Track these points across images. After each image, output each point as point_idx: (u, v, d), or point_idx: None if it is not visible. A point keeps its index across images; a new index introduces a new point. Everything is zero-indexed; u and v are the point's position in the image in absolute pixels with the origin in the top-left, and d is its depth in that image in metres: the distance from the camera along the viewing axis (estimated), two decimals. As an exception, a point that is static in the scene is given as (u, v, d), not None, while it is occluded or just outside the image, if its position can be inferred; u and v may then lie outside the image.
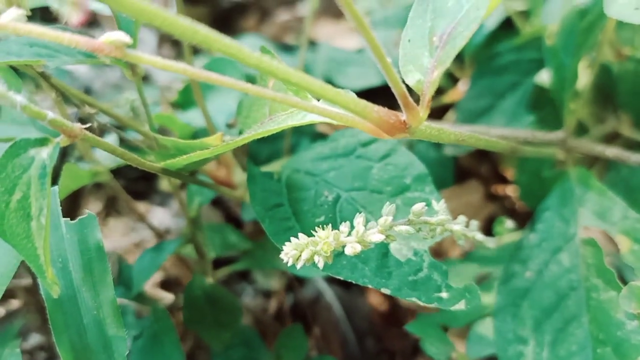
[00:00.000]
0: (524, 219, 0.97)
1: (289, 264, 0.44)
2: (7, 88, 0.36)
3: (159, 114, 0.78)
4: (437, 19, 0.41)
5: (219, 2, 1.31)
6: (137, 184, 1.07)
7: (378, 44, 0.33)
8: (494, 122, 0.84)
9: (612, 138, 0.90)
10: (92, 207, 1.04)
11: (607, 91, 0.87)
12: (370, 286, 0.49)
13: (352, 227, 0.46)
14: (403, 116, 0.40)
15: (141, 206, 1.05)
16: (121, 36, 0.33)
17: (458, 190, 0.95)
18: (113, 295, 0.45)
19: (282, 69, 0.33)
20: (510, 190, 1.03)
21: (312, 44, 1.14)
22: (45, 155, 0.38)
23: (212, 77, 0.35)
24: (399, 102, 0.38)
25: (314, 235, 0.44)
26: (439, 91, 0.99)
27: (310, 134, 0.91)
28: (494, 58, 0.87)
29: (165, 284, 0.96)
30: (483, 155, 1.04)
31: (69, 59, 0.52)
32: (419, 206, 0.48)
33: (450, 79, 1.01)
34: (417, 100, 0.41)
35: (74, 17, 0.26)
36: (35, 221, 0.38)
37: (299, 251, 0.44)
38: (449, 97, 1.00)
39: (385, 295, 0.92)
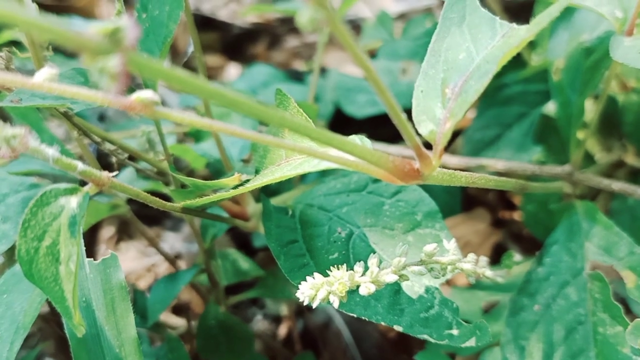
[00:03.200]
0: (531, 244, 0.98)
1: (305, 303, 0.46)
2: (40, 141, 0.38)
3: (174, 145, 0.80)
4: (449, 71, 0.43)
5: (229, 28, 1.34)
6: (150, 208, 1.09)
7: (395, 105, 0.35)
8: (501, 153, 0.86)
9: (617, 166, 0.91)
10: (105, 232, 1.06)
11: (613, 121, 0.88)
12: (383, 323, 0.51)
13: (365, 266, 0.47)
14: (416, 164, 0.42)
15: (153, 231, 1.07)
16: (150, 95, 0.35)
17: (466, 217, 0.96)
18: (135, 334, 0.46)
19: (303, 126, 0.35)
20: (518, 216, 1.04)
21: (322, 70, 1.15)
22: (74, 204, 0.39)
23: (237, 131, 0.37)
24: (413, 152, 0.40)
25: (328, 274, 0.46)
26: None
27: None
28: (501, 89, 0.88)
29: (177, 309, 0.98)
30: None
31: (91, 102, 0.53)
32: (431, 247, 0.49)
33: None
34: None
35: (112, 87, 0.28)
36: (64, 266, 0.40)
37: (315, 291, 0.46)
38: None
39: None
